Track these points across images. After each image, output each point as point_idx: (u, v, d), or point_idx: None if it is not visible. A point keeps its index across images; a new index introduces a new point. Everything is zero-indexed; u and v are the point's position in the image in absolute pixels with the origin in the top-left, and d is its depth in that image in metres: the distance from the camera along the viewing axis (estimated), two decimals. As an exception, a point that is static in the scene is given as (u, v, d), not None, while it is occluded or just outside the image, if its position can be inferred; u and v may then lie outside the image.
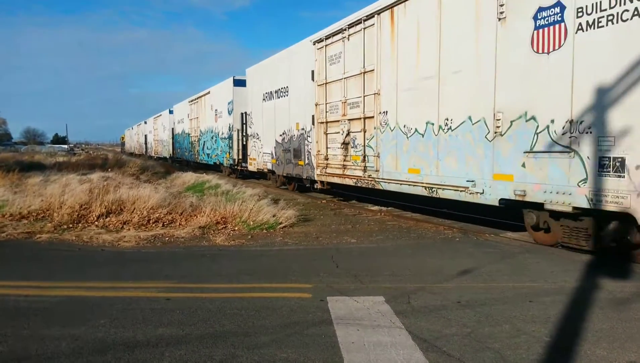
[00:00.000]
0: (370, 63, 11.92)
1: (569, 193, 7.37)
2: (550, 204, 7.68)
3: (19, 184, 15.43)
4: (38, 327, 4.80)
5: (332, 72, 13.74)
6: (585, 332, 4.64)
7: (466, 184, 9.15)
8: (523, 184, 8.06)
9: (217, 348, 4.27)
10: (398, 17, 10.83)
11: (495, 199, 8.62)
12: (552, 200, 7.61)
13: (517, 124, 8.13)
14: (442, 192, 9.83)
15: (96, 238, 9.30)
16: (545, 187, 7.71)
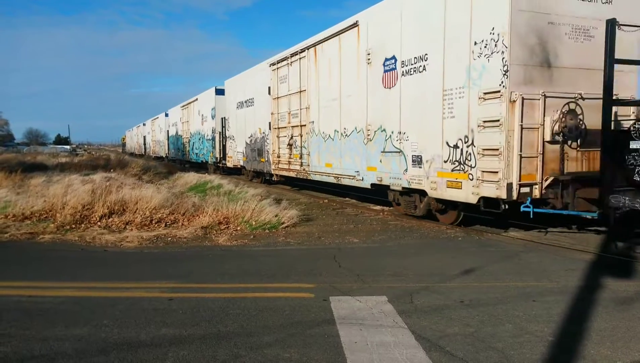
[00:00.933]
0: (303, 85, 15.61)
1: (400, 178, 11.12)
2: (392, 186, 11.50)
3: (22, 185, 15.46)
4: (41, 328, 4.81)
5: (281, 89, 17.36)
6: (588, 331, 4.63)
7: (354, 174, 13.00)
8: (380, 173, 11.87)
9: (220, 349, 4.28)
10: (317, 53, 14.71)
11: (368, 184, 12.45)
12: (393, 183, 11.42)
13: (377, 134, 11.89)
14: (343, 180, 13.63)
15: (99, 238, 9.31)
16: (390, 174, 11.47)
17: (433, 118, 9.92)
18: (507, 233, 9.68)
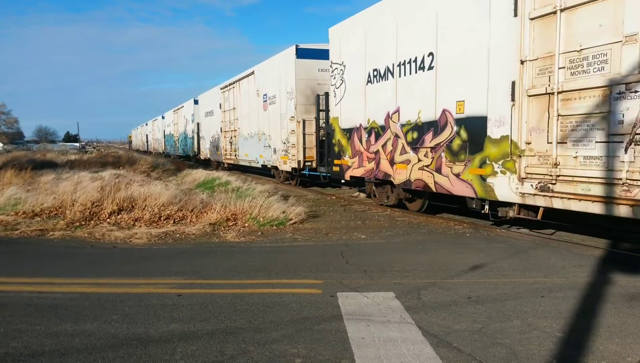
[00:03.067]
0: (235, 104, 24.65)
1: (270, 160, 19.86)
2: (268, 165, 20.20)
3: (32, 182, 15.59)
4: (51, 323, 4.86)
5: (226, 106, 26.40)
6: (597, 327, 4.61)
7: (255, 159, 21.81)
8: (264, 158, 20.62)
9: (228, 344, 4.30)
10: (240, 86, 23.67)
11: (260, 165, 21.37)
12: (269, 164, 20.18)
13: (262, 136, 20.71)
14: (251, 163, 22.67)
15: (108, 235, 9.38)
16: (268, 159, 20.09)
17: (278, 128, 18.92)
18: (516, 229, 9.63)
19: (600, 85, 6.77)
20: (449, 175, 9.68)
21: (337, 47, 13.78)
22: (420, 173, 10.50)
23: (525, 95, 7.85)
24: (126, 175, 16.78)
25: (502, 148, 8.37)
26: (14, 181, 15.84)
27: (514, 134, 8.12)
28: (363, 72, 12.55)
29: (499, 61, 8.36)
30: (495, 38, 8.42)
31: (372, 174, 12.41)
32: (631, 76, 6.39)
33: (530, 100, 7.80)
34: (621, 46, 6.51)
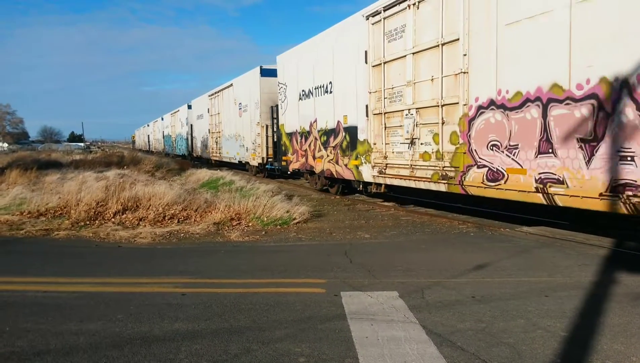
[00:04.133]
0: (219, 110, 28.60)
1: (244, 157, 24.04)
2: (243, 161, 24.47)
3: (37, 182, 15.67)
4: (56, 322, 4.88)
5: (212, 111, 30.46)
6: (602, 326, 4.60)
7: (234, 157, 25.80)
8: (240, 156, 24.79)
9: (232, 343, 4.31)
10: (223, 95, 27.60)
11: (237, 161, 25.44)
12: (244, 160, 24.30)
13: (239, 137, 24.63)
14: (232, 160, 26.46)
15: (113, 234, 9.42)
16: (243, 156, 24.20)
17: (249, 131, 22.88)
18: (520, 229, 9.61)
19: (400, 109, 11.07)
20: (342, 165, 13.94)
21: (282, 71, 18.06)
22: (329, 165, 14.84)
23: (372, 113, 12.17)
24: (130, 175, 16.83)
25: (365, 146, 12.62)
26: (19, 181, 15.93)
27: (369, 138, 12.34)
28: (296, 91, 16.81)
29: (360, 91, 12.63)
30: (359, 76, 12.63)
31: (304, 166, 16.67)
32: (411, 105, 10.65)
33: (374, 117, 12.12)
34: (406, 87, 10.77)
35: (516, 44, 8.05)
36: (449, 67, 9.50)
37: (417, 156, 10.54)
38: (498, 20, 8.34)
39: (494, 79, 8.49)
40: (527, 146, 7.93)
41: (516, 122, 8.12)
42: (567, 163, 7.33)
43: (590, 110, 6.95)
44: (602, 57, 6.78)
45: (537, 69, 7.71)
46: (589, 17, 6.93)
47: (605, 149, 6.80)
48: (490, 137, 8.64)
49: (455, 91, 9.35)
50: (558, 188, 7.45)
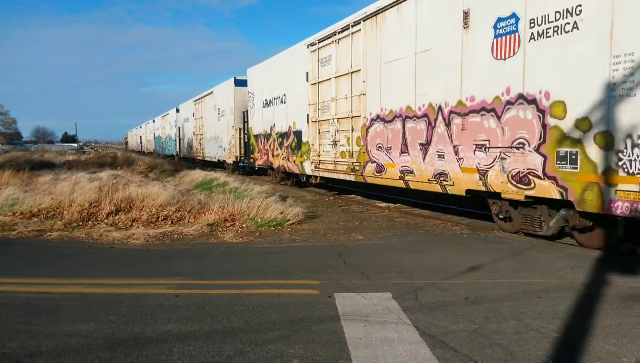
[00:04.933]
0: (202, 115, 31.65)
1: (223, 156, 26.95)
2: (221, 160, 27.31)
3: (30, 182, 15.57)
4: (48, 323, 4.86)
5: (196, 115, 33.49)
6: (593, 327, 4.62)
7: (214, 155, 28.74)
8: (219, 155, 27.79)
9: (225, 344, 4.30)
10: (205, 101, 30.92)
11: (216, 160, 28.53)
12: (221, 159, 27.30)
13: (218, 138, 27.73)
14: (212, 160, 29.64)
15: (106, 235, 9.37)
16: (221, 155, 27.05)
17: (226, 134, 25.71)
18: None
19: (328, 118, 14.32)
20: (292, 162, 17.24)
21: (251, 82, 21.50)
22: (283, 161, 18.12)
23: (311, 121, 15.41)
24: (124, 176, 16.76)
25: (306, 147, 15.85)
26: (12, 181, 15.82)
27: (309, 140, 15.56)
28: (261, 100, 20.19)
29: (304, 103, 15.82)
30: (302, 91, 15.89)
31: (266, 163, 20.08)
32: (334, 115, 13.90)
33: (312, 123, 15.32)
34: (331, 102, 14.03)
35: (389, 77, 11.31)
36: (355, 90, 12.75)
37: (338, 154, 13.94)
38: (381, 59, 11.59)
39: (379, 100, 11.79)
40: (396, 147, 11.23)
41: (390, 131, 11.40)
42: (414, 159, 10.62)
43: (425, 124, 10.22)
44: (430, 90, 10.03)
45: (400, 95, 10.93)
46: (424, 63, 10.16)
47: (431, 150, 10.07)
48: (377, 141, 11.94)
49: (359, 107, 12.60)
50: (410, 176, 10.79)
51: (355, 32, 12.64)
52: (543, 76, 7.66)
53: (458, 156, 9.37)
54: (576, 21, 7.13)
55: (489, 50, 8.58)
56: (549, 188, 7.62)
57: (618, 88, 6.64)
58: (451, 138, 9.52)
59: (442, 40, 9.63)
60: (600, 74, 6.82)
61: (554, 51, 7.48)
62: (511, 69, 8.16)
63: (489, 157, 8.72)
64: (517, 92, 8.10)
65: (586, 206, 7.11)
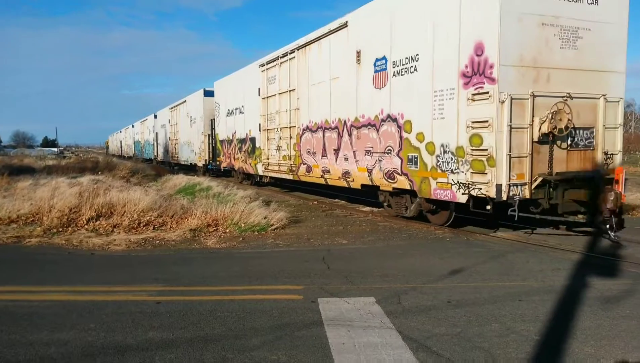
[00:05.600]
0: (177, 121, 33.83)
1: (195, 160, 28.98)
2: (193, 163, 29.45)
3: (8, 188, 15.27)
4: (26, 332, 4.77)
5: (172, 121, 34.98)
6: (573, 330, 4.69)
7: (187, 159, 30.84)
8: (191, 159, 29.87)
9: (207, 352, 4.27)
10: (179, 110, 32.96)
11: (189, 163, 30.30)
12: (193, 163, 29.42)
13: (190, 143, 29.94)
14: (185, 163, 31.41)
15: (86, 241, 9.24)
16: (192, 159, 29.59)
17: (197, 139, 28.02)
18: (495, 234, 9.75)
19: (274, 128, 16.99)
20: (248, 164, 19.98)
21: (217, 93, 23.78)
22: (242, 164, 20.75)
23: (262, 129, 18.08)
24: (105, 181, 16.54)
25: (259, 151, 18.57)
26: (-10, 187, 15.50)
27: (261, 146, 18.24)
28: (225, 109, 22.66)
29: (257, 114, 18.45)
30: (256, 104, 18.53)
31: (229, 165, 22.70)
32: (278, 125, 16.62)
33: (262, 131, 17.94)
34: (276, 114, 16.65)
35: (314, 96, 14.14)
36: (292, 105, 15.55)
37: (281, 158, 16.66)
38: (309, 81, 14.46)
39: (307, 114, 14.63)
40: (319, 152, 14.09)
41: (315, 139, 14.24)
42: (330, 161, 13.52)
43: (337, 134, 13.12)
44: (339, 108, 12.95)
45: (321, 111, 13.83)
46: (335, 87, 13.10)
47: (340, 155, 13.00)
48: (307, 147, 14.75)
49: (295, 119, 15.44)
50: (327, 175, 13.73)
51: (291, 58, 15.51)
52: (400, 102, 10.47)
53: (356, 159, 12.32)
54: (416, 65, 9.91)
55: (371, 81, 11.44)
56: (404, 181, 10.49)
57: (436, 113, 9.39)
58: (352, 145, 12.42)
59: (345, 71, 12.51)
60: (428, 103, 9.52)
61: (405, 84, 10.25)
62: (384, 96, 11.00)
63: (372, 159, 11.61)
64: (387, 113, 10.95)
65: (423, 194, 9.99)
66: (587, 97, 8.79)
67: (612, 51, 9.03)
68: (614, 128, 9.18)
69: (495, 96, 8.13)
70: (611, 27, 8.98)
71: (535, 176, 8.40)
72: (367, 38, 11.47)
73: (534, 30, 8.37)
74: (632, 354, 4.18)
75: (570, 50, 8.68)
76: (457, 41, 8.77)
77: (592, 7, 8.79)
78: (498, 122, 8.17)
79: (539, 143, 8.47)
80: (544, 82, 8.50)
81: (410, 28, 10.00)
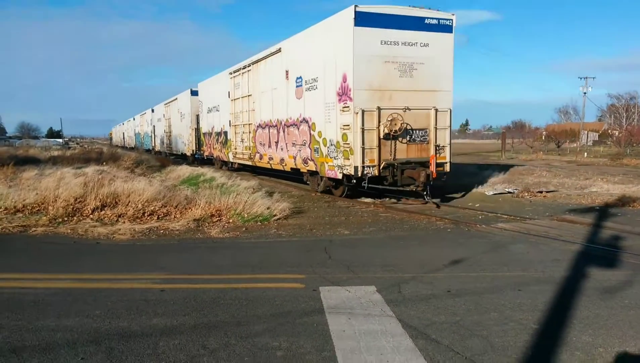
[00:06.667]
0: (169, 117, 37.78)
1: (185, 150, 32.61)
2: (183, 153, 32.96)
3: (14, 178, 15.40)
4: (33, 319, 4.86)
5: (166, 116, 38.47)
6: (572, 319, 4.75)
7: (179, 150, 34.64)
8: (182, 149, 33.64)
9: (210, 338, 4.35)
10: (171, 105, 36.48)
11: (180, 153, 34.13)
12: (183, 153, 33.09)
13: (180, 136, 34.09)
14: (177, 153, 35.48)
15: (91, 231, 9.34)
16: (182, 149, 33.29)
17: (186, 132, 31.79)
18: (495, 225, 9.79)
19: (239, 123, 20.78)
20: (223, 153, 23.53)
21: (201, 93, 27.67)
22: (219, 153, 24.54)
23: (231, 125, 21.73)
24: (110, 171, 16.64)
25: (230, 143, 22.23)
26: (-5, 177, 15.63)
27: (232, 138, 21.82)
28: (206, 107, 26.47)
29: (228, 112, 22.25)
30: (227, 104, 22.42)
31: (210, 154, 26.48)
32: (242, 122, 20.48)
33: (232, 127, 21.64)
34: (241, 113, 20.50)
35: (263, 101, 17.88)
36: (250, 106, 19.33)
37: (244, 148, 20.43)
38: (259, 89, 18.19)
39: (259, 114, 18.33)
40: (266, 144, 17.75)
41: (264, 134, 17.86)
42: (273, 151, 17.20)
43: (276, 131, 16.84)
44: (277, 111, 16.61)
45: (267, 112, 17.55)
46: (274, 95, 16.68)
47: (279, 146, 16.62)
48: (260, 140, 18.48)
49: (252, 118, 19.21)
50: (271, 161, 17.42)
51: (249, 70, 19.22)
52: (310, 109, 14.29)
53: (287, 149, 16.03)
54: (317, 85, 13.70)
55: (294, 93, 15.26)
56: (312, 165, 14.35)
57: (326, 118, 13.20)
58: (285, 139, 16.16)
59: (280, 84, 16.25)
60: (323, 111, 13.39)
61: (312, 97, 14.05)
62: (301, 104, 14.84)
63: (296, 150, 15.41)
64: (303, 117, 14.79)
65: (322, 173, 13.92)
66: (422, 109, 12.55)
67: (440, 77, 12.66)
68: (444, 129, 12.86)
69: (352, 109, 12.02)
70: (439, 61, 12.60)
71: (382, 161, 12.16)
72: (292, 61, 15.36)
73: (379, 66, 12.09)
74: (630, 343, 4.24)
75: (407, 78, 12.36)
76: (334, 72, 12.65)
77: (424, 48, 12.46)
78: (355, 126, 11.99)
79: (385, 139, 12.17)
80: (388, 100, 12.24)
81: (314, 59, 13.80)
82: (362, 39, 11.77)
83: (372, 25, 11.92)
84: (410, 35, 12.30)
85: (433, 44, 12.47)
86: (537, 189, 14.79)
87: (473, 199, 13.85)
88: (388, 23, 12.11)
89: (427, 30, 12.52)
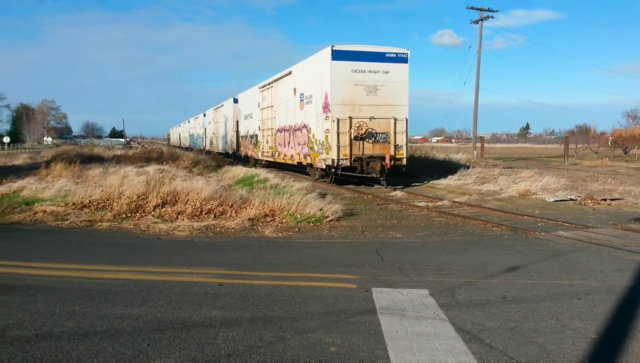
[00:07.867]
0: (218, 120, 43.12)
1: (227, 149, 38.60)
2: (227, 151, 38.92)
3: (80, 175, 16.31)
4: (102, 307, 5.18)
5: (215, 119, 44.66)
6: (634, 330, 4.59)
7: (223, 149, 40.55)
8: (226, 149, 39.18)
9: (266, 331, 4.50)
10: (219, 110, 42.05)
11: (224, 152, 39.77)
12: (226, 151, 39.16)
13: (225, 137, 40.17)
14: (222, 152, 40.68)
15: (152, 227, 9.78)
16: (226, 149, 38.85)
17: (229, 135, 37.87)
18: (556, 232, 9.52)
19: (265, 128, 26.17)
20: (255, 152, 28.73)
21: (240, 102, 33.26)
22: (251, 152, 29.69)
23: (260, 129, 27.25)
24: (169, 170, 17.33)
25: (259, 144, 27.47)
26: (64, 174, 16.61)
27: (260, 140, 27.26)
28: (243, 114, 31.99)
29: (258, 119, 27.81)
30: (257, 112, 28.21)
31: (246, 153, 31.44)
32: (267, 128, 25.96)
33: (260, 131, 27.37)
34: (267, 120, 25.77)
35: (281, 110, 22.84)
36: (272, 115, 24.19)
37: (268, 148, 25.26)
38: (279, 101, 23.18)
39: (278, 121, 23.32)
40: (283, 144, 22.60)
41: (282, 136, 22.73)
42: (287, 149, 22.04)
43: (289, 134, 21.79)
44: (289, 118, 21.82)
45: (283, 119, 22.49)
46: (288, 107, 21.91)
47: (291, 145, 21.59)
48: (279, 141, 23.23)
49: (273, 124, 24.01)
50: (286, 157, 22.34)
51: (272, 86, 24.31)
52: (308, 118, 19.06)
53: (294, 148, 20.92)
54: (312, 100, 18.53)
55: (299, 105, 20.20)
56: (310, 159, 19.04)
57: (317, 124, 18.10)
58: (293, 140, 21.05)
59: (290, 98, 21.23)
60: (315, 119, 18.24)
61: (309, 109, 18.93)
62: (303, 114, 19.72)
63: (300, 148, 20.22)
64: (304, 123, 19.60)
65: (315, 165, 18.64)
66: (384, 118, 17.13)
67: (398, 95, 17.24)
68: (402, 133, 17.35)
69: (331, 118, 16.85)
70: (398, 84, 17.23)
71: (353, 156, 16.86)
72: (298, 81, 20.36)
73: (350, 87, 16.91)
74: (696, 357, 4.06)
75: (372, 96, 16.94)
76: (321, 91, 17.54)
77: (385, 74, 17.03)
78: (333, 130, 16.82)
79: (355, 140, 16.88)
80: (357, 111, 16.96)
81: (310, 81, 18.83)
82: (338, 68, 16.65)
83: (345, 59, 16.77)
84: (374, 66, 17.01)
85: (392, 71, 17.14)
86: (601, 196, 14.24)
87: (532, 205, 13.50)
88: (357, 57, 16.90)
89: (387, 61, 17.13)
